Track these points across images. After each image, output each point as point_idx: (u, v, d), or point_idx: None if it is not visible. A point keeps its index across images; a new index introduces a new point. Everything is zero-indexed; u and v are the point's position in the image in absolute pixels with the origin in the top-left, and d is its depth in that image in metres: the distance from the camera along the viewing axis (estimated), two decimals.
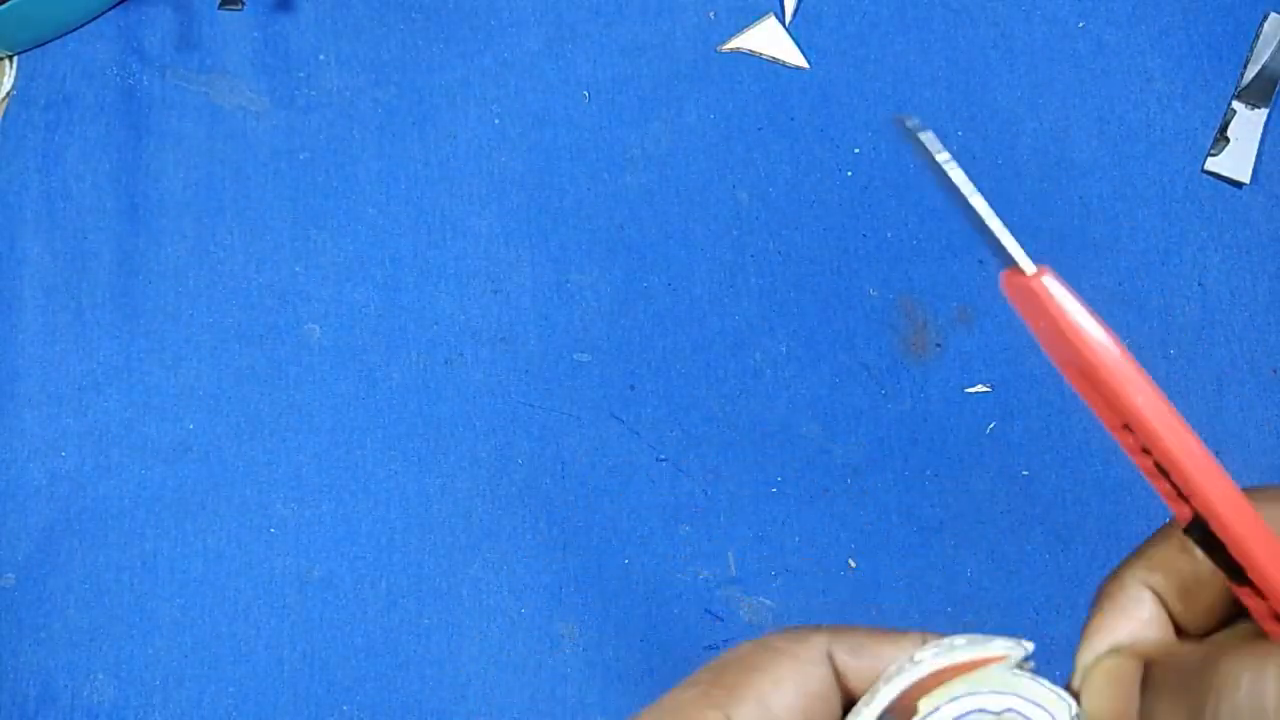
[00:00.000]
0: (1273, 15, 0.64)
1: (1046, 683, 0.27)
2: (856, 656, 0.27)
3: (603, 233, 0.64)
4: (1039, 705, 0.26)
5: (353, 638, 0.60)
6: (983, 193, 0.24)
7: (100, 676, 0.60)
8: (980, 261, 0.62)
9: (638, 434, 0.62)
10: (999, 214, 0.24)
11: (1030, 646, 0.27)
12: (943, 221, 0.62)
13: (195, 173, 0.65)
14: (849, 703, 0.27)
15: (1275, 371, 0.61)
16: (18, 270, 0.64)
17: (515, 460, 0.62)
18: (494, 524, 0.61)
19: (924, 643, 0.27)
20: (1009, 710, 0.26)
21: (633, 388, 0.62)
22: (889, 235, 0.63)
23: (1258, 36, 0.64)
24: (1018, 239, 0.24)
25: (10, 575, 0.61)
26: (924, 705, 0.26)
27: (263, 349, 0.63)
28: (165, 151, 0.65)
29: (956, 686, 0.26)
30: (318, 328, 0.63)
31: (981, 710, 0.26)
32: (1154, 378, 0.24)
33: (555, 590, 0.60)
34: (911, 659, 0.27)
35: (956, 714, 0.26)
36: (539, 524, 0.61)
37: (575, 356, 0.63)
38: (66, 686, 0.60)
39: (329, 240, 0.64)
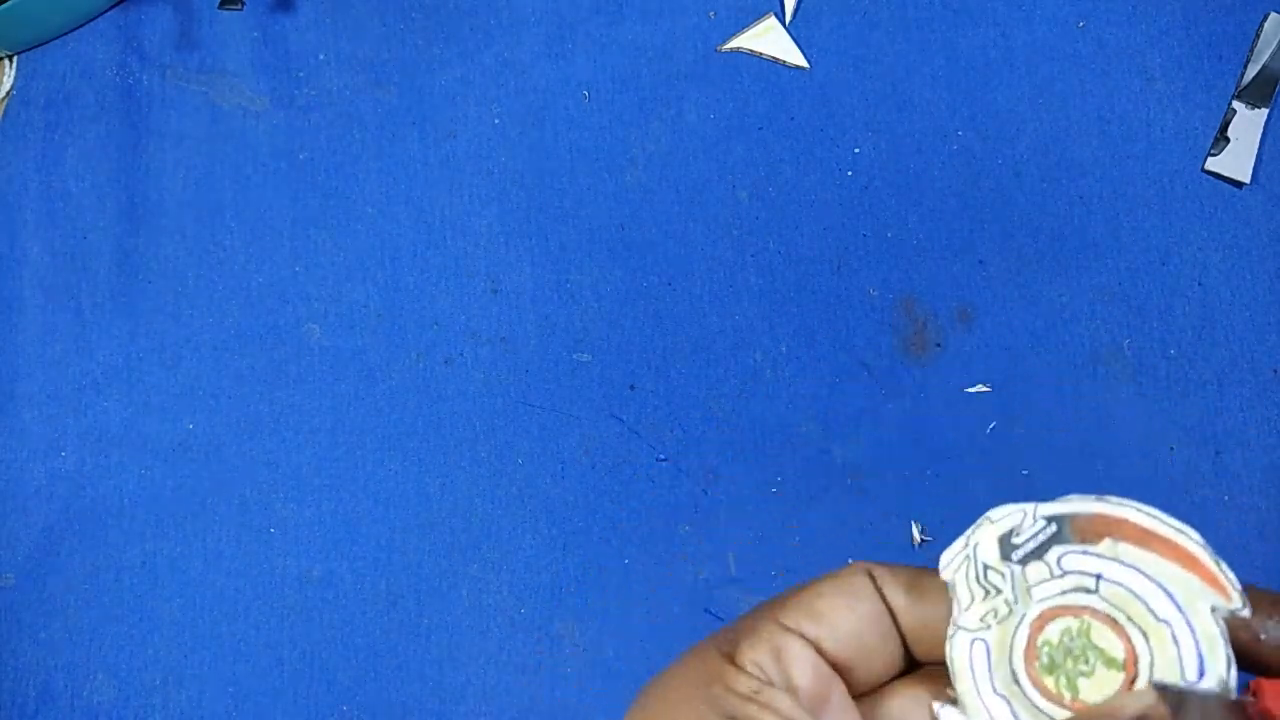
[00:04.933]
0: (1273, 15, 0.64)
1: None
2: (910, 596, 0.25)
3: (603, 233, 0.64)
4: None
5: (353, 638, 0.60)
6: (983, 192, 0.24)
7: (100, 676, 0.60)
8: (980, 261, 0.62)
9: (638, 434, 0.62)
10: (1003, 222, 0.24)
11: (1245, 614, 0.24)
12: (942, 221, 0.62)
13: (195, 173, 0.65)
14: (909, 649, 0.25)
15: (1275, 371, 0.61)
16: (18, 270, 0.64)
17: (515, 460, 0.62)
18: (494, 524, 0.61)
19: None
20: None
21: (633, 388, 0.62)
22: (889, 235, 0.63)
23: (1258, 36, 0.64)
24: (1017, 238, 0.24)
25: (10, 575, 0.61)
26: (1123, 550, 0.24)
27: (263, 349, 0.63)
28: (165, 151, 0.65)
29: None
30: (318, 328, 0.63)
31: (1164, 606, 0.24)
32: (1154, 377, 0.24)
33: (555, 590, 0.60)
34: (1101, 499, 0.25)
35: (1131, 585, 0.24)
36: (539, 524, 0.61)
37: (575, 356, 0.63)
38: (66, 686, 0.60)
39: (329, 240, 0.64)
